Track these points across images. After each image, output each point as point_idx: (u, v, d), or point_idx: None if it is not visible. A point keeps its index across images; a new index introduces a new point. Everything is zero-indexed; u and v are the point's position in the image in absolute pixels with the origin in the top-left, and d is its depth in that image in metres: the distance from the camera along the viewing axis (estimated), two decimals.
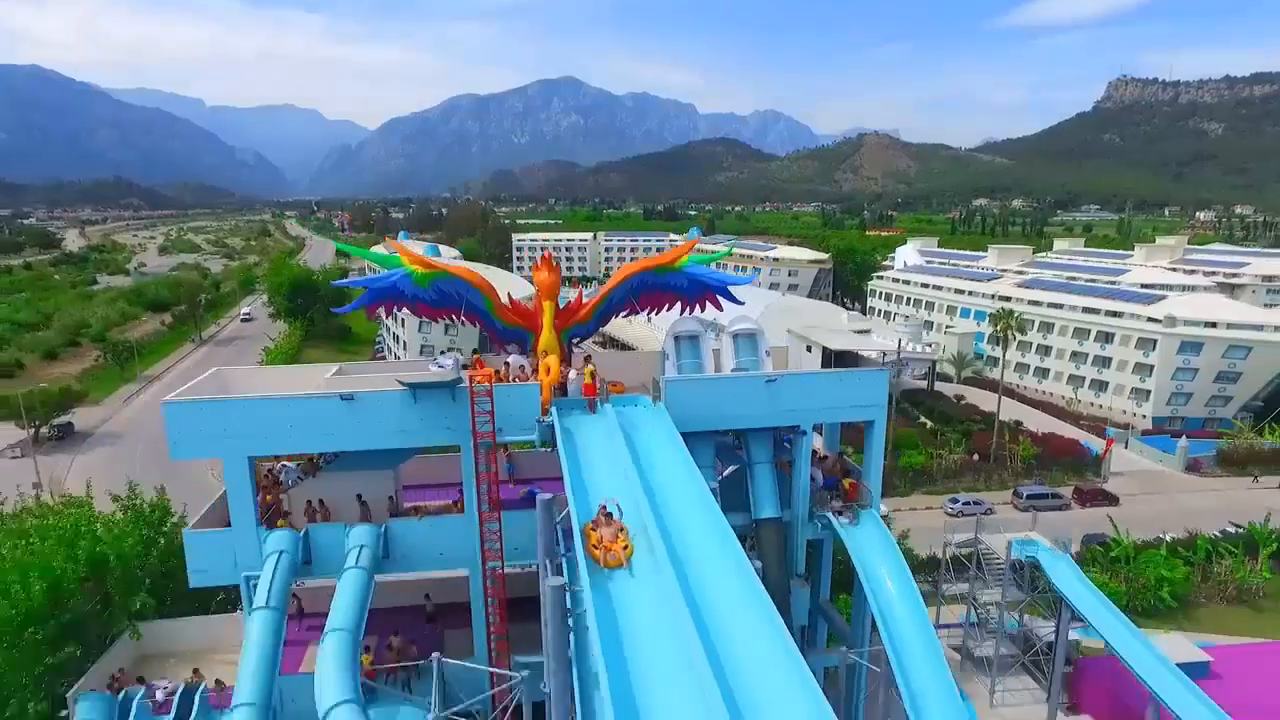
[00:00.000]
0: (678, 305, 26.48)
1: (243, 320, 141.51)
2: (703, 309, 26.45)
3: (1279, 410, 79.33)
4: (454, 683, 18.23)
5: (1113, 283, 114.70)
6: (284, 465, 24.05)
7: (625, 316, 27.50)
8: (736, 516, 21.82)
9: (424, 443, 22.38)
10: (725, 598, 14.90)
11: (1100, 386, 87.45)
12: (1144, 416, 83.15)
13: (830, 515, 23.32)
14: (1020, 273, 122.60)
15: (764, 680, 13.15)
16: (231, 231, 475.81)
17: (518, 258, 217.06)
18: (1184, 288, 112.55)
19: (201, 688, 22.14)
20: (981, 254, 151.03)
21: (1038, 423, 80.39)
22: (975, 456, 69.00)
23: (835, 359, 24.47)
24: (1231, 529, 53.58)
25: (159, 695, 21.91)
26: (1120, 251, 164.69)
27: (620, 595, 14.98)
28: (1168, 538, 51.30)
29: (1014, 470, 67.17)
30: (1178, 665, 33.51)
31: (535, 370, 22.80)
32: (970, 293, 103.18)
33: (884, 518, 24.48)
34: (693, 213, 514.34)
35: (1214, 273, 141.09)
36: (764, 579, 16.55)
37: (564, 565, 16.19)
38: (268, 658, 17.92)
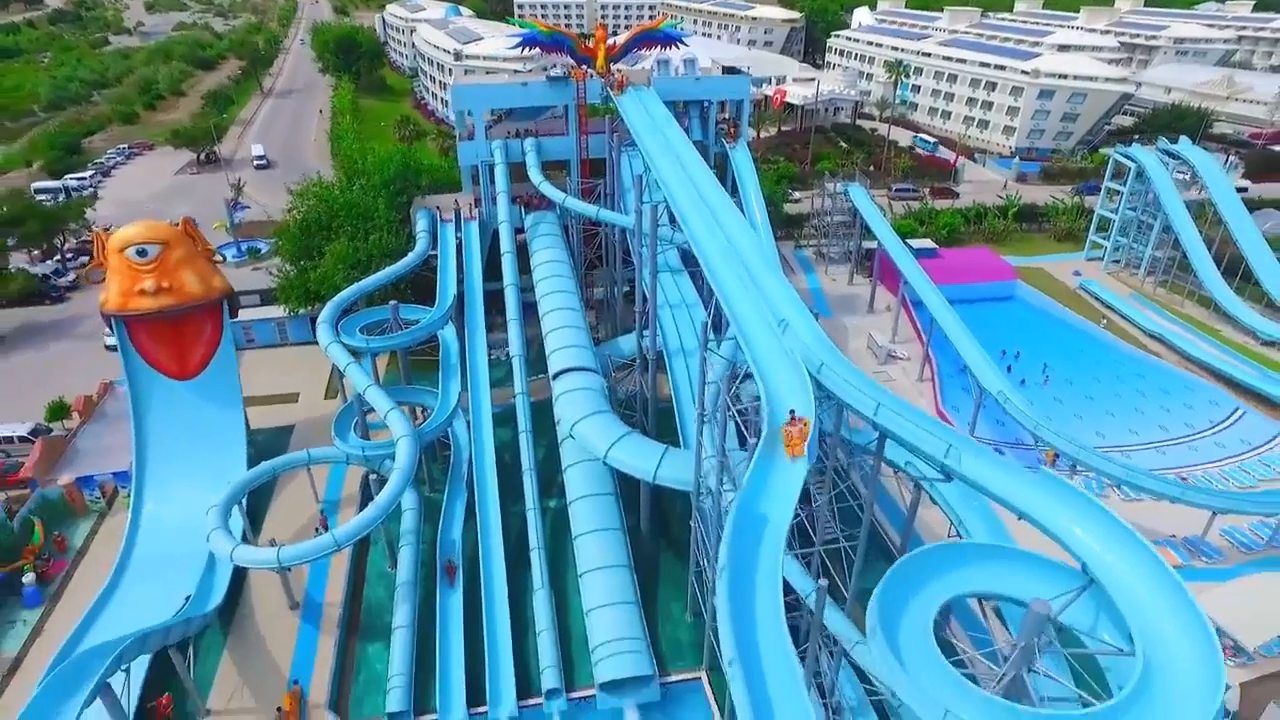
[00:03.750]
0: (658, 48, 55.73)
1: (255, 166, 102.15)
2: (670, 48, 55.58)
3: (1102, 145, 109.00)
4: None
5: (1036, 43, 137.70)
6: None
7: (631, 58, 56.51)
8: None
9: (553, 103, 53.33)
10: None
11: (984, 125, 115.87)
12: (1010, 147, 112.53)
13: (725, 141, 54.70)
14: (958, 32, 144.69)
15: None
16: None
17: (519, 14, 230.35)
18: (1093, 48, 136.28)
19: (459, 212, 54.43)
20: (939, 15, 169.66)
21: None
22: (871, 167, 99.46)
23: (726, 70, 54.57)
24: (999, 200, 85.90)
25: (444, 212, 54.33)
26: (1067, 13, 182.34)
27: None
28: (959, 206, 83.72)
29: (895, 176, 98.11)
30: (918, 249, 66.69)
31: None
32: (900, 49, 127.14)
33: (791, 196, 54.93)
34: None
35: (1137, 35, 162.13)
36: None
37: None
38: (507, 186, 49.67)
